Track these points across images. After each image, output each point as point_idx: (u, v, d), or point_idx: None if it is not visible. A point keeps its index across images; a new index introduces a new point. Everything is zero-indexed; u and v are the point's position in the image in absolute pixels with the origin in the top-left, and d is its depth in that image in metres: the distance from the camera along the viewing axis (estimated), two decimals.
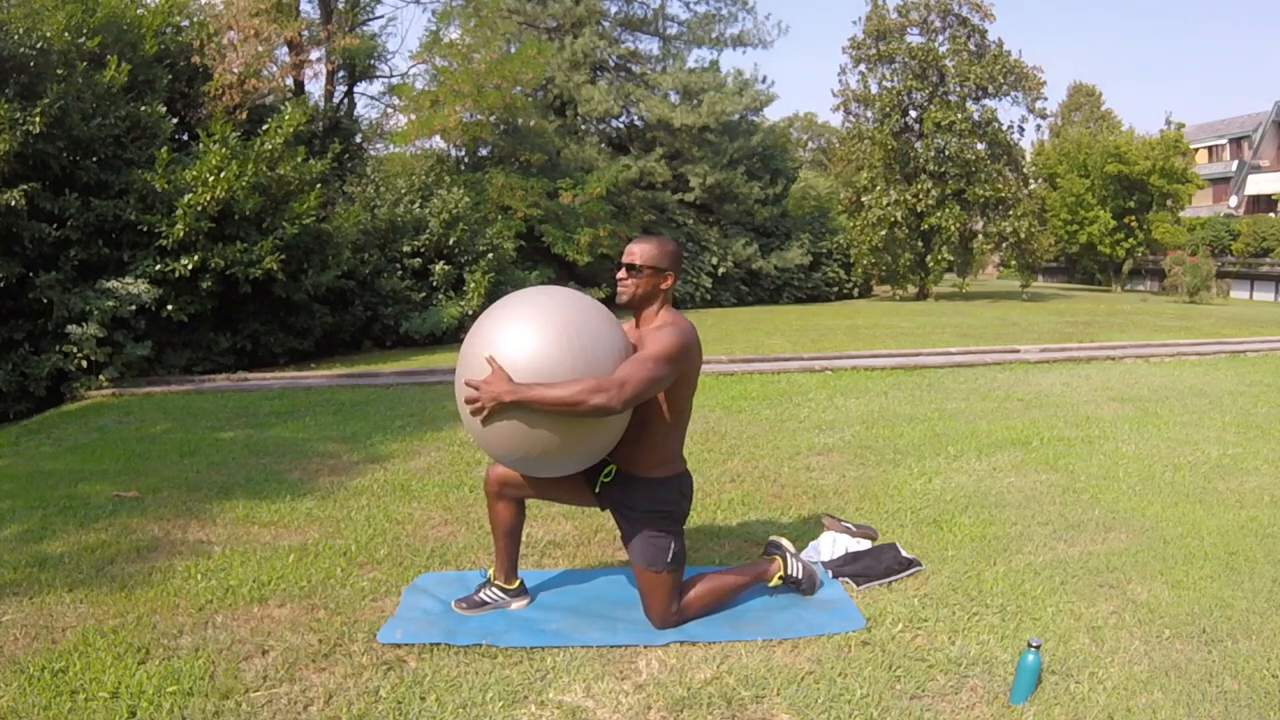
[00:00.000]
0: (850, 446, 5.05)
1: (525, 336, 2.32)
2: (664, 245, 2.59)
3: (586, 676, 2.36)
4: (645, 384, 2.33)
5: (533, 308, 2.39)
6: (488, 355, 2.31)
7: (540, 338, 2.31)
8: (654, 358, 2.37)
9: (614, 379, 2.29)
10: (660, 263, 2.55)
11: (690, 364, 2.52)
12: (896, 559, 3.09)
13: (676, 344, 2.42)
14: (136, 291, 8.69)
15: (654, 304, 2.58)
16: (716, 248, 20.50)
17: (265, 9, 12.53)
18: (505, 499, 2.75)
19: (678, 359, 2.43)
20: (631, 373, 2.32)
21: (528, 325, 2.34)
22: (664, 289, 2.58)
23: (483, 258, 12.83)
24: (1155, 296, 26.00)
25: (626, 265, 2.56)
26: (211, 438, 5.65)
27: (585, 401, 2.24)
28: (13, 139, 8.03)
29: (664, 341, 2.42)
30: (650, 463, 2.60)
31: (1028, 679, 2.22)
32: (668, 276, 2.57)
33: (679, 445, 2.65)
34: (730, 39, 21.69)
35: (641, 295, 2.56)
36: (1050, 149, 35.70)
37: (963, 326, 13.80)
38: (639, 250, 2.56)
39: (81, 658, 2.44)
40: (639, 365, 2.35)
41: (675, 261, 2.59)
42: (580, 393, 2.24)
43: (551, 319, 2.34)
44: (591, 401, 2.25)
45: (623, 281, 2.56)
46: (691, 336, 2.50)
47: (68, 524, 3.71)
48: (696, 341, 2.52)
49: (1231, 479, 4.32)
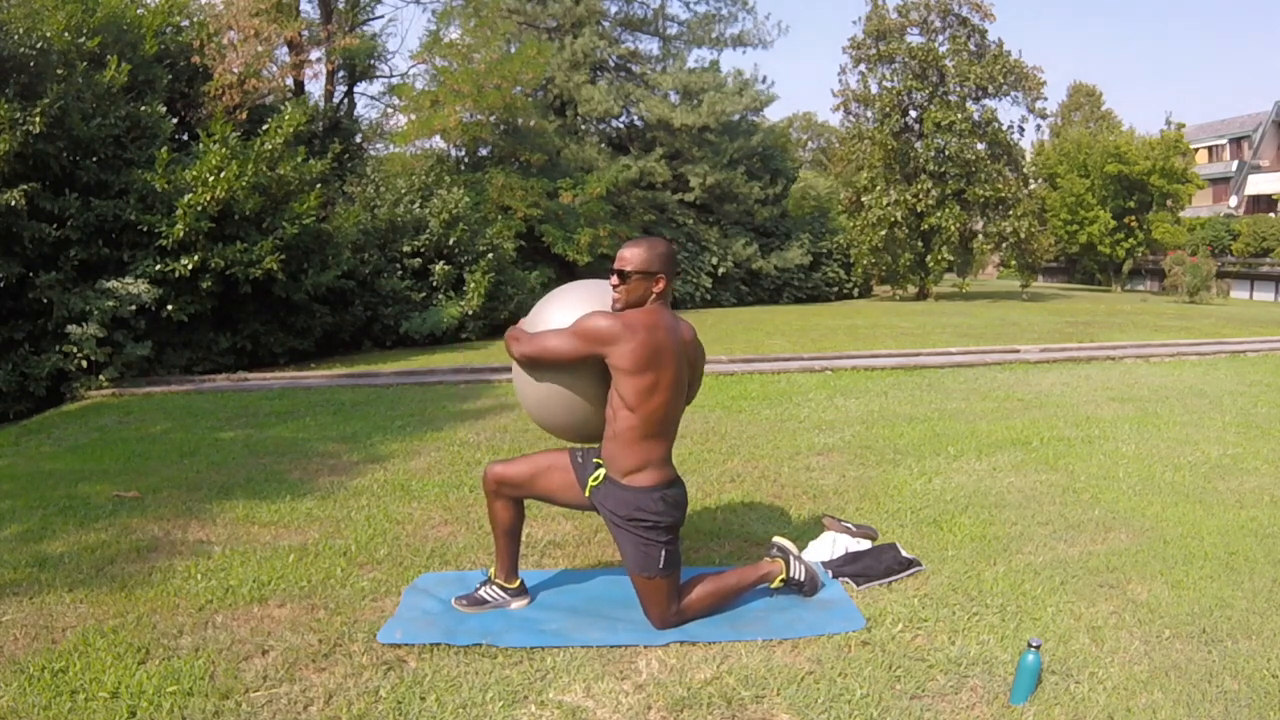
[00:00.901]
0: (850, 446, 5.05)
1: (549, 304, 2.76)
2: (654, 248, 2.56)
3: (586, 676, 2.36)
4: (548, 350, 2.56)
5: (572, 292, 2.79)
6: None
7: (555, 311, 2.69)
8: (571, 329, 2.51)
9: (529, 332, 2.63)
10: (650, 266, 2.53)
11: (657, 362, 2.47)
12: (896, 559, 3.09)
13: (596, 325, 2.47)
14: (136, 291, 8.69)
15: (644, 303, 2.56)
16: (716, 248, 20.49)
17: (265, 9, 12.52)
18: (503, 498, 2.74)
19: (589, 338, 2.47)
20: (545, 336, 2.58)
21: (554, 300, 2.76)
22: (656, 292, 2.55)
23: (483, 258, 12.82)
24: (1155, 296, 26.00)
25: (618, 273, 2.54)
26: (211, 438, 5.65)
27: (508, 345, 2.67)
28: (13, 139, 8.03)
29: (589, 319, 2.48)
30: (627, 469, 2.56)
31: (1028, 679, 2.22)
32: (659, 279, 2.54)
33: (661, 454, 2.58)
34: (730, 39, 21.67)
35: (635, 301, 2.54)
36: (1050, 149, 35.70)
37: (963, 326, 13.80)
38: (629, 256, 2.53)
39: (81, 658, 2.44)
40: (557, 332, 2.56)
41: (666, 263, 2.56)
42: (508, 335, 2.68)
43: (575, 298, 2.71)
44: (509, 346, 2.66)
45: (616, 289, 2.54)
46: (639, 334, 2.44)
47: (68, 524, 3.71)
48: (659, 344, 2.47)
49: (1231, 479, 4.32)
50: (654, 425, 2.53)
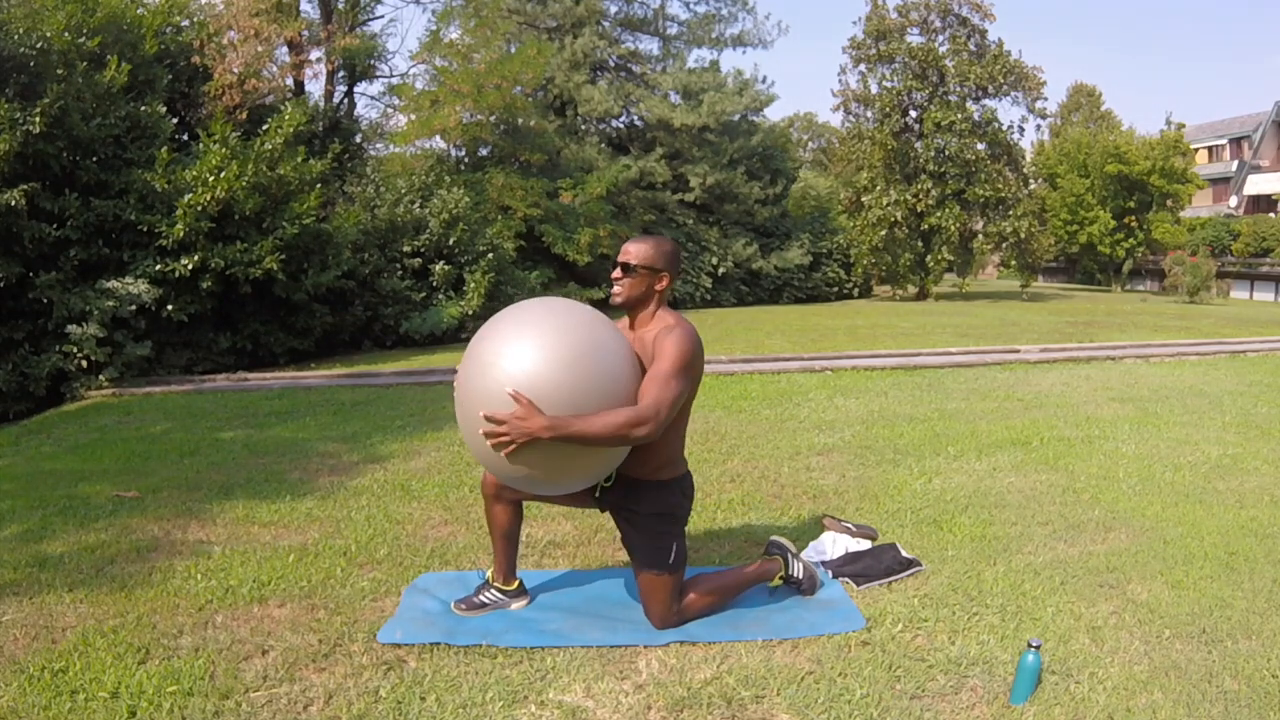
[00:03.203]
0: (850, 446, 5.05)
1: (535, 359, 2.24)
2: (660, 245, 2.55)
3: (586, 676, 2.36)
4: (674, 404, 2.33)
5: (535, 327, 2.31)
6: (510, 390, 2.21)
7: (553, 362, 2.25)
8: (672, 374, 2.34)
9: (648, 408, 2.27)
10: (656, 263, 2.52)
11: (699, 367, 2.50)
12: (896, 559, 3.09)
13: (689, 352, 2.39)
14: (136, 291, 8.69)
15: (649, 305, 2.55)
16: (716, 248, 20.50)
17: (265, 9, 12.53)
18: (502, 500, 2.74)
19: (692, 365, 2.41)
20: (660, 396, 2.30)
21: (539, 349, 2.26)
22: (659, 290, 2.54)
23: (483, 258, 12.82)
24: (1155, 296, 25.99)
25: (622, 265, 2.52)
26: (211, 438, 5.65)
27: (628, 435, 2.24)
28: (13, 139, 8.03)
29: (676, 352, 2.37)
30: (654, 467, 2.57)
31: (1028, 679, 2.22)
32: (663, 277, 2.53)
33: (681, 447, 2.64)
34: (730, 39, 21.68)
35: (636, 297, 2.53)
36: (1050, 149, 35.68)
37: (963, 326, 13.80)
38: (635, 250, 2.53)
39: (81, 658, 2.44)
40: (663, 386, 2.31)
41: (671, 262, 2.55)
42: (621, 427, 2.23)
43: (561, 338, 2.29)
44: (634, 435, 2.25)
45: (618, 281, 2.53)
46: (697, 340, 2.46)
47: (68, 524, 3.71)
48: (700, 343, 2.50)
49: (1231, 479, 4.32)
50: (683, 421, 2.58)
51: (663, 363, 2.36)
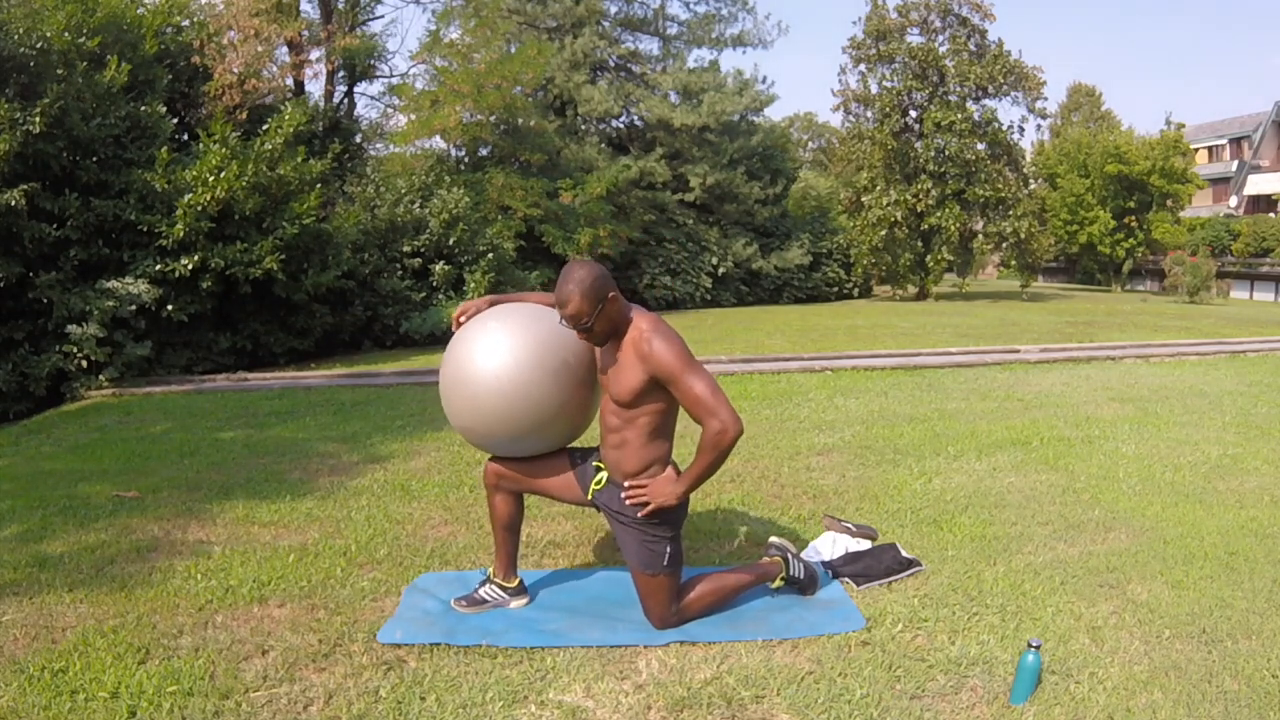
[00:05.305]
0: (850, 446, 5.05)
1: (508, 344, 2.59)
2: (583, 283, 2.39)
3: (586, 676, 2.36)
4: (712, 384, 2.40)
5: (503, 322, 2.67)
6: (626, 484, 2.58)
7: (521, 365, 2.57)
8: (685, 370, 2.38)
9: (707, 412, 2.36)
10: (596, 300, 2.40)
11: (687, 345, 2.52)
12: (896, 559, 3.09)
13: (676, 343, 2.42)
14: (136, 291, 8.69)
15: (618, 323, 2.49)
16: (716, 248, 20.49)
17: (265, 9, 12.54)
18: (503, 491, 2.76)
19: (685, 347, 2.45)
20: (702, 393, 2.37)
21: (510, 337, 2.61)
22: (615, 309, 2.46)
23: (483, 258, 12.83)
24: (1155, 296, 25.99)
25: (575, 327, 2.44)
26: (211, 438, 5.65)
27: (724, 445, 2.37)
28: (13, 139, 8.03)
29: (672, 353, 2.39)
30: (643, 467, 2.56)
31: (1028, 679, 2.22)
32: (610, 299, 2.43)
33: (669, 447, 2.62)
34: (730, 39, 21.66)
35: (607, 330, 2.48)
36: (1050, 149, 35.68)
37: (963, 326, 13.79)
38: (572, 305, 2.39)
39: (81, 658, 2.44)
40: (693, 383, 2.38)
41: (604, 283, 2.42)
42: (715, 446, 2.37)
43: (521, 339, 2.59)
44: (727, 440, 2.37)
45: (586, 337, 2.48)
46: (669, 329, 2.48)
47: (68, 524, 3.71)
48: (670, 327, 2.51)
49: (1231, 479, 4.32)
50: (669, 422, 2.58)
51: (672, 370, 2.39)
